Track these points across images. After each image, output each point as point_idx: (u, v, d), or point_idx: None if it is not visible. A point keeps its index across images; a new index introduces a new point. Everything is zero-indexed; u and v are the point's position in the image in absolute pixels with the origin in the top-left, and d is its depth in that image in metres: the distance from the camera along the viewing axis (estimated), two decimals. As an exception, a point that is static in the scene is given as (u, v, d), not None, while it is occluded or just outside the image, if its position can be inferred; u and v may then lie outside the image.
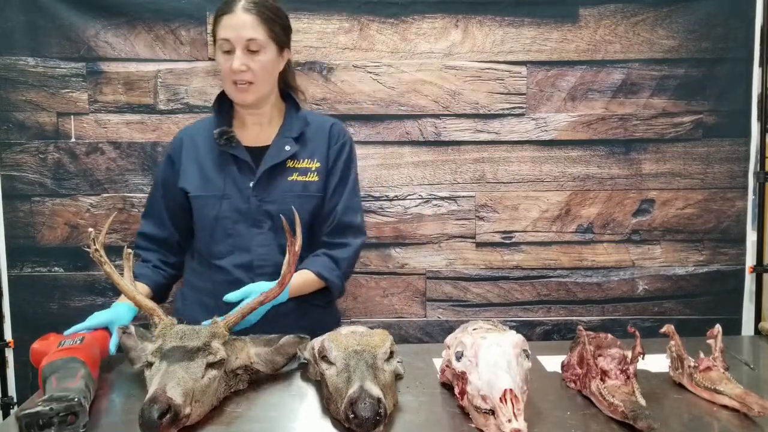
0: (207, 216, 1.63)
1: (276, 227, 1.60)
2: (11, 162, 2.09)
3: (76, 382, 1.12)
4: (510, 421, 0.97)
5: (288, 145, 1.63)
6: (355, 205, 1.70)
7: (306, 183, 1.63)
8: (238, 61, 1.52)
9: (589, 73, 2.16)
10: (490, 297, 2.22)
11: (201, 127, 1.71)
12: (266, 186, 1.61)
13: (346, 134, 1.72)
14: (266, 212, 1.60)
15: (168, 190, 1.68)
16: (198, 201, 1.64)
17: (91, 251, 1.31)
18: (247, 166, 1.62)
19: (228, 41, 1.53)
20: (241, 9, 1.53)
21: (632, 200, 2.21)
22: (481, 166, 2.18)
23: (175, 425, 1.02)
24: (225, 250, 1.62)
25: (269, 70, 1.59)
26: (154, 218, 1.70)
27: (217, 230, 1.62)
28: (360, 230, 1.71)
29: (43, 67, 2.06)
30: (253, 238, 1.61)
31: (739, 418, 1.11)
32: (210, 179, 1.63)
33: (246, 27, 1.52)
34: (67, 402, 1.02)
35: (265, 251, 1.60)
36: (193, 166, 1.66)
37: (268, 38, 1.55)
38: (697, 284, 2.23)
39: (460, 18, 2.12)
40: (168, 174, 1.69)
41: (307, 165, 1.64)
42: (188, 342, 1.16)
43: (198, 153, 1.66)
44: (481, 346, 1.10)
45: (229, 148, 1.62)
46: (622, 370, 1.18)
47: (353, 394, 1.02)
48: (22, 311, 2.12)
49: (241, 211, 1.61)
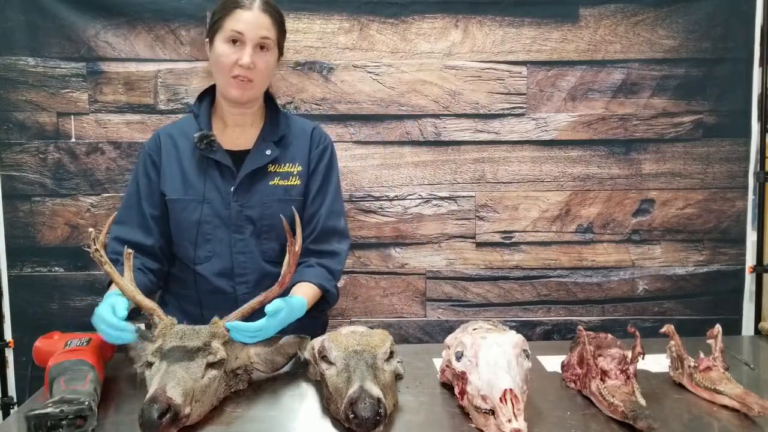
0: (186, 220, 1.59)
1: (258, 232, 1.58)
2: (11, 162, 2.09)
3: (85, 385, 1.12)
4: (510, 421, 0.97)
5: (269, 149, 1.60)
6: (338, 209, 1.67)
7: (287, 187, 1.61)
8: (248, 57, 1.51)
9: (589, 73, 2.16)
10: (490, 297, 2.22)
11: (180, 128, 1.67)
12: (247, 191, 1.58)
13: (327, 138, 1.71)
14: (247, 217, 1.58)
15: (152, 193, 1.62)
16: (177, 205, 1.60)
17: (91, 251, 1.31)
18: (228, 170, 1.59)
19: (240, 34, 1.51)
20: (258, 8, 1.53)
21: (632, 200, 2.21)
22: (481, 166, 2.18)
23: (175, 425, 1.03)
24: (204, 255, 1.59)
25: (270, 72, 1.60)
26: (134, 224, 1.61)
27: (197, 235, 1.59)
28: (344, 234, 1.68)
29: (43, 67, 2.06)
30: (234, 244, 1.58)
31: (739, 418, 1.11)
32: (191, 183, 1.59)
33: (261, 25, 1.53)
34: (77, 405, 1.02)
35: (246, 258, 1.57)
36: (173, 169, 1.62)
37: (275, 41, 1.57)
38: (697, 284, 2.23)
39: (460, 18, 2.12)
40: (152, 176, 1.63)
41: (289, 169, 1.62)
42: (188, 342, 1.16)
43: (179, 155, 1.62)
44: (481, 346, 1.11)
45: (210, 152, 1.58)
46: (622, 370, 1.18)
47: (353, 394, 1.02)
48: (22, 311, 2.11)
49: (221, 216, 1.58)
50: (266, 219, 1.58)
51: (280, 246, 1.60)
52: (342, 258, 1.64)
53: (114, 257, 1.46)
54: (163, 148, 1.64)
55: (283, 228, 1.43)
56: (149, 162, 1.64)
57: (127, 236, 1.59)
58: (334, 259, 1.62)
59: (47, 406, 1.01)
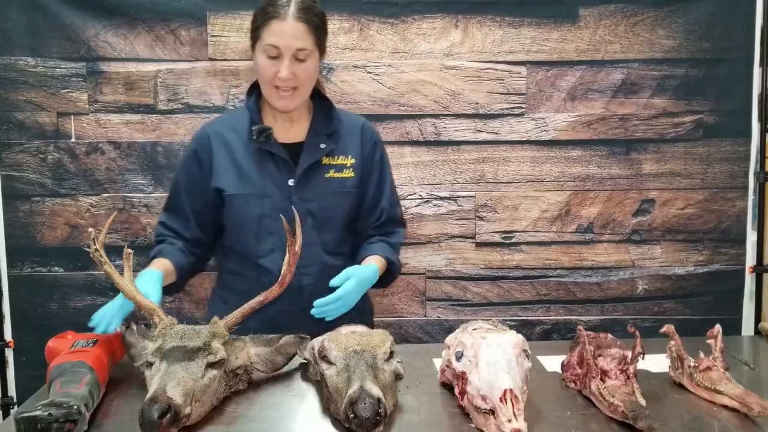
0: (247, 215, 1.59)
1: (318, 224, 1.60)
2: (11, 162, 2.09)
3: (79, 388, 1.11)
4: (510, 421, 0.97)
5: (323, 143, 1.62)
6: (396, 199, 1.75)
7: (342, 179, 1.63)
8: (286, 70, 1.49)
9: (588, 73, 2.16)
10: (490, 297, 2.22)
11: (229, 123, 1.66)
12: (306, 184, 1.59)
13: (375, 133, 1.73)
14: (308, 210, 1.58)
15: (195, 189, 1.63)
16: (236, 200, 1.60)
17: (91, 251, 1.31)
18: (284, 163, 1.59)
19: (276, 48, 1.49)
20: (292, 16, 1.49)
21: (632, 200, 2.21)
22: (481, 166, 2.18)
23: (175, 425, 1.02)
24: (267, 248, 1.60)
25: (313, 77, 1.58)
26: (179, 216, 1.64)
27: (259, 229, 1.59)
28: (403, 221, 1.78)
29: (43, 67, 2.06)
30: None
31: (739, 418, 1.11)
32: (248, 177, 1.59)
33: (296, 36, 1.49)
34: (66, 409, 1.01)
35: (308, 251, 1.53)
36: (227, 165, 1.61)
37: (314, 46, 1.53)
38: (697, 284, 2.23)
39: (460, 18, 2.13)
40: (195, 172, 1.63)
41: (342, 161, 1.64)
42: (188, 342, 1.16)
43: (231, 150, 1.61)
44: (481, 346, 1.11)
45: (267, 145, 1.59)
46: (622, 370, 1.17)
47: (353, 394, 1.02)
48: (22, 311, 2.12)
49: (282, 209, 1.53)
50: (325, 211, 1.61)
51: (338, 237, 1.65)
52: (400, 235, 1.74)
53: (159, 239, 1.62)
54: (213, 144, 1.62)
55: (339, 219, 1.51)
56: (194, 159, 1.64)
57: (171, 223, 1.64)
58: (395, 235, 1.71)
59: (36, 408, 1.00)
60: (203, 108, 2.11)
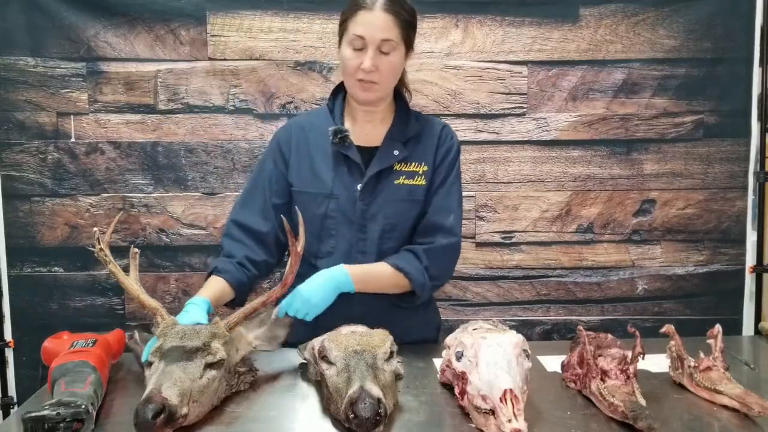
0: (311, 213, 1.56)
1: (380, 233, 1.56)
2: (11, 162, 2.09)
3: (85, 387, 1.11)
4: (510, 421, 0.97)
5: (397, 149, 1.58)
6: (448, 206, 1.61)
7: (412, 187, 1.58)
8: (369, 61, 1.47)
9: (590, 73, 2.16)
10: (490, 296, 2.22)
11: (312, 121, 1.65)
12: (373, 189, 1.56)
13: (454, 137, 1.66)
14: (372, 216, 1.56)
15: (276, 181, 1.61)
16: (304, 197, 1.58)
17: (96, 251, 1.31)
18: (356, 167, 1.57)
19: (361, 38, 1.47)
20: (380, 7, 1.48)
21: (633, 200, 2.20)
22: (482, 166, 2.18)
23: (171, 425, 1.02)
24: (326, 250, 1.58)
25: (396, 72, 1.56)
26: (256, 209, 1.60)
27: (321, 229, 1.57)
28: (450, 232, 1.59)
29: (43, 67, 2.06)
30: (356, 243, 1.56)
31: (739, 418, 1.11)
32: (319, 176, 1.58)
33: (383, 27, 1.48)
34: (74, 408, 1.02)
35: (365, 258, 1.54)
36: (303, 161, 1.60)
37: (400, 40, 1.51)
38: (697, 284, 2.23)
39: (461, 18, 2.12)
40: (278, 163, 1.62)
41: (415, 168, 1.59)
42: (188, 342, 1.16)
43: (309, 147, 1.61)
44: (481, 346, 1.10)
45: (342, 147, 1.57)
46: (622, 370, 1.17)
47: (353, 394, 1.02)
48: (22, 311, 2.12)
49: (346, 213, 1.55)
50: (390, 219, 1.56)
51: (399, 247, 1.58)
52: (436, 250, 1.56)
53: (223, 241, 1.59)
54: (293, 139, 1.62)
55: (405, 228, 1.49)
56: (278, 151, 1.63)
57: (245, 220, 1.59)
58: (426, 246, 1.56)
59: (44, 408, 1.01)
60: (203, 108, 2.10)
